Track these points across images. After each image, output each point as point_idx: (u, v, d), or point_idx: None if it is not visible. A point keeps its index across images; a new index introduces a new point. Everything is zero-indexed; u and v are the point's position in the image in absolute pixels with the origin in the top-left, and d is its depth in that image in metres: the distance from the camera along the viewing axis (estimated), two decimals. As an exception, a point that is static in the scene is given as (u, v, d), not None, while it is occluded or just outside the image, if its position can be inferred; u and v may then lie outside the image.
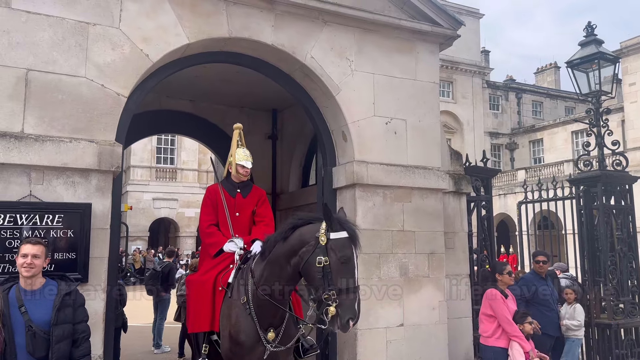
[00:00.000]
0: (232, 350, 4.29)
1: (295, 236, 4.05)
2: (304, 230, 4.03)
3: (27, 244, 3.60)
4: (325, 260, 3.76)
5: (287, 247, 4.07)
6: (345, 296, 3.68)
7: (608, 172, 7.45)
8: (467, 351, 6.69)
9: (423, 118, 6.44)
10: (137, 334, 9.17)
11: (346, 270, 3.75)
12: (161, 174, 31.20)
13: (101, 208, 4.66)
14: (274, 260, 4.16)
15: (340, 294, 3.68)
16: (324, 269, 3.76)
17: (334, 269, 3.74)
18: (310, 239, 3.93)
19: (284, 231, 4.14)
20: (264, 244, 4.41)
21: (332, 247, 3.79)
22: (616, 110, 24.92)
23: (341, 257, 3.77)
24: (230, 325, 4.32)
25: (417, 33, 6.48)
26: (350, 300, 3.68)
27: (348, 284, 3.72)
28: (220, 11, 5.41)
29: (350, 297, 3.69)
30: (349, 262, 3.78)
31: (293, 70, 6.02)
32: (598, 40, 7.84)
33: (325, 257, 3.77)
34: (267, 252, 4.25)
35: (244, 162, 5.18)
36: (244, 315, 4.26)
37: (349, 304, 3.67)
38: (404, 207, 6.15)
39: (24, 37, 4.56)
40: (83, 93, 4.72)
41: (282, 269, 4.11)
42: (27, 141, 4.41)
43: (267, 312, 4.22)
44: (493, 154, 33.88)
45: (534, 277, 6.42)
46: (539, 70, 44.89)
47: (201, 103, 8.86)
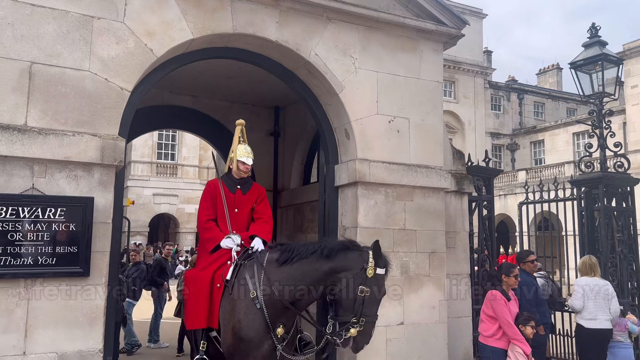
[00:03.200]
0: (236, 346, 4.29)
1: (340, 257, 4.26)
2: (350, 255, 4.26)
3: None
4: (367, 291, 4.12)
5: (330, 264, 4.24)
6: (369, 325, 4.15)
7: (609, 174, 7.45)
8: (467, 350, 6.69)
9: (426, 117, 6.43)
10: (136, 329, 9.15)
11: (377, 302, 4.22)
12: (162, 170, 31.22)
13: (103, 202, 4.65)
14: (307, 269, 4.29)
15: (366, 322, 4.12)
16: (364, 299, 4.12)
17: (370, 299, 4.13)
18: (356, 266, 4.19)
19: (329, 248, 4.30)
20: (285, 248, 4.49)
21: (375, 282, 4.17)
22: (618, 112, 24.94)
23: (379, 291, 4.21)
24: (234, 321, 4.32)
25: (421, 32, 6.47)
26: (370, 328, 4.18)
27: (373, 312, 4.18)
28: (225, 7, 5.40)
29: (371, 325, 4.19)
30: (382, 296, 4.27)
31: (297, 67, 6.01)
32: (602, 41, 7.83)
33: (368, 288, 4.12)
34: (293, 255, 4.36)
35: (245, 159, 5.18)
36: (253, 311, 4.28)
37: (368, 331, 4.16)
38: (405, 205, 6.15)
39: (29, 30, 4.55)
40: (87, 87, 4.71)
41: (317, 281, 4.27)
42: (30, 134, 4.41)
43: (280, 312, 4.30)
44: (494, 154, 33.85)
45: (528, 276, 6.41)
46: (541, 71, 44.85)
47: (203, 99, 8.87)
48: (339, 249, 4.29)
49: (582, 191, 7.47)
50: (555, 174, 24.09)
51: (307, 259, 4.30)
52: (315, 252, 4.30)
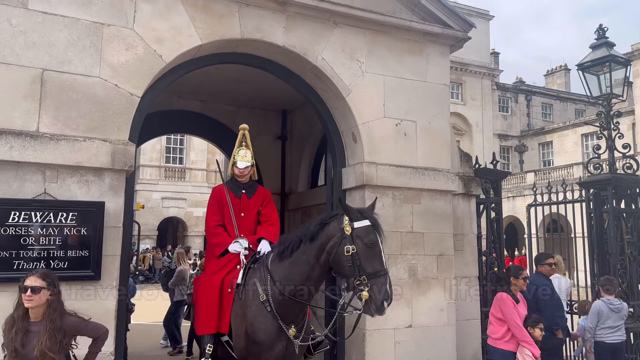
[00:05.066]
0: (249, 349, 4.31)
1: (322, 234, 4.16)
2: (328, 227, 4.16)
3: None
4: (352, 248, 3.92)
5: (316, 245, 4.17)
6: (375, 280, 3.84)
7: (618, 176, 7.41)
8: (475, 353, 6.68)
9: (433, 120, 6.45)
10: (145, 333, 9.21)
11: (373, 255, 3.93)
12: (170, 174, 31.37)
13: (114, 206, 4.71)
14: (302, 259, 4.23)
15: (371, 278, 3.84)
16: (353, 257, 3.92)
17: (361, 255, 3.91)
18: (335, 232, 4.07)
19: (310, 231, 4.23)
20: (281, 243, 4.49)
21: (358, 235, 3.96)
22: (627, 113, 24.80)
23: (367, 242, 3.93)
24: (247, 325, 4.34)
25: (427, 35, 6.49)
26: (382, 283, 3.83)
27: (376, 267, 3.89)
28: (233, 12, 5.45)
29: (381, 280, 3.85)
30: (375, 246, 3.94)
31: (304, 72, 6.05)
32: (609, 42, 7.80)
33: (352, 245, 3.92)
34: (288, 251, 4.32)
35: (239, 163, 5.23)
36: (264, 313, 4.28)
37: (380, 286, 3.82)
38: (413, 208, 6.16)
39: (40, 38, 4.63)
40: (97, 93, 4.78)
41: (312, 267, 4.20)
42: (42, 140, 4.48)
43: (289, 311, 4.28)
44: (502, 156, 33.73)
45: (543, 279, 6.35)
46: (549, 72, 44.62)
47: (211, 103, 8.93)
48: (319, 228, 4.21)
49: (590, 193, 7.44)
50: (564, 176, 23.96)
51: (299, 249, 4.26)
52: (303, 239, 4.26)
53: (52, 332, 3.33)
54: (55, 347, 3.32)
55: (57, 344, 3.33)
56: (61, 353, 3.41)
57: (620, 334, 6.16)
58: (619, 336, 6.14)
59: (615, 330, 6.10)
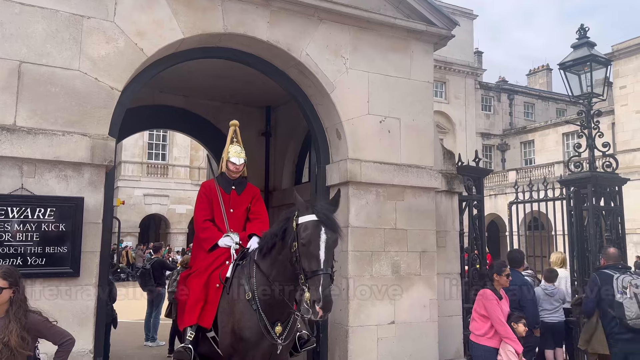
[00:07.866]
0: (235, 346, 4.27)
1: (288, 230, 4.01)
2: (289, 222, 4.02)
3: None
4: (295, 245, 3.73)
5: (285, 243, 4.04)
6: (312, 280, 3.57)
7: (598, 174, 7.51)
8: (458, 349, 6.73)
9: (417, 117, 6.46)
10: (128, 330, 9.11)
11: (309, 253, 3.66)
12: (152, 170, 31.05)
13: (93, 202, 4.63)
14: (279, 258, 4.11)
15: (309, 278, 3.59)
16: (295, 254, 3.73)
17: (301, 252, 3.69)
18: (291, 228, 3.91)
19: (279, 228, 4.13)
20: (261, 240, 4.43)
21: (299, 231, 3.76)
22: (607, 112, 25.16)
23: (303, 238, 3.69)
24: (233, 322, 4.30)
25: (412, 32, 6.50)
26: (316, 284, 3.53)
27: (313, 266, 3.61)
28: (216, 6, 5.39)
29: (315, 281, 3.54)
30: (309, 244, 3.67)
31: (288, 67, 6.01)
32: (590, 42, 7.89)
33: (295, 242, 3.74)
34: (265, 248, 4.25)
35: (234, 159, 5.18)
36: (249, 311, 4.24)
37: (315, 287, 3.53)
38: (396, 205, 6.17)
39: (17, 29, 4.52)
40: (76, 86, 4.69)
41: (285, 266, 4.02)
42: (19, 134, 4.38)
43: (275, 309, 4.21)
44: (484, 154, 34.04)
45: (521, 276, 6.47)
46: (531, 72, 45.16)
47: (194, 99, 8.84)
48: (283, 223, 4.08)
49: (571, 191, 7.52)
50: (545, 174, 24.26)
51: (275, 247, 4.16)
52: (275, 234, 4.15)
53: (19, 331, 3.24)
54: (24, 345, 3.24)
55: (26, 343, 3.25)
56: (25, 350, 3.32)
57: (557, 314, 7.05)
58: (557, 317, 7.04)
59: (551, 312, 7.00)
